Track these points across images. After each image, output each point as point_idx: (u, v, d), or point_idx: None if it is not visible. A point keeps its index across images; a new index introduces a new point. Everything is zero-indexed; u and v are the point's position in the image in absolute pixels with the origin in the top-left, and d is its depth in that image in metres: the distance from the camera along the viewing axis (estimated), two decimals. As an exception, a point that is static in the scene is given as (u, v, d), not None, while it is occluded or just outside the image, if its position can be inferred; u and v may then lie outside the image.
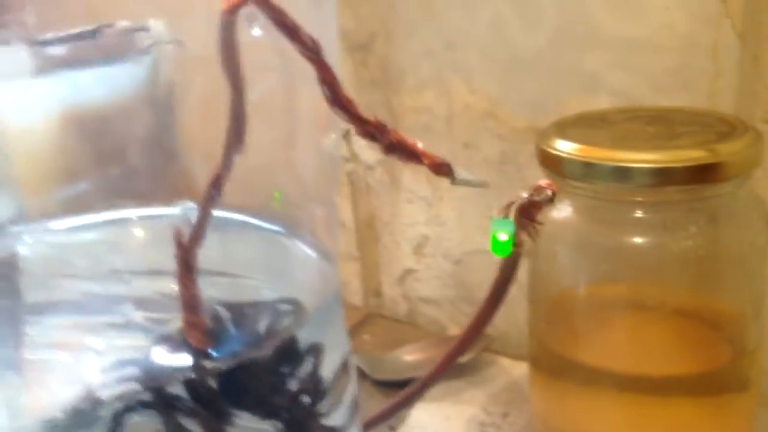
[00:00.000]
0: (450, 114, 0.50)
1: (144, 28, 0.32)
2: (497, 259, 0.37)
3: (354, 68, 0.53)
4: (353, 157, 0.56)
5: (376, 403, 0.39)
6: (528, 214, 0.25)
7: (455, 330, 0.54)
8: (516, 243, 0.27)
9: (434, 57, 0.49)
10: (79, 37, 0.30)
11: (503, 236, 0.24)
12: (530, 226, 0.26)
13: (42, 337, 0.22)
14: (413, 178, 0.52)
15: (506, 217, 0.25)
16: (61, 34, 0.30)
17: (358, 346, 0.53)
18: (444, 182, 0.24)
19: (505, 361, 0.48)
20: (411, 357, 0.49)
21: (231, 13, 0.17)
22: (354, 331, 0.55)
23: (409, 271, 0.55)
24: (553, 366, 0.37)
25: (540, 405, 0.39)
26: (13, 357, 0.22)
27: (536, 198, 0.25)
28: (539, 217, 0.26)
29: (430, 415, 0.44)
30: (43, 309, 0.23)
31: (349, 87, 0.57)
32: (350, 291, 0.59)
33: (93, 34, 0.31)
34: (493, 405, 0.44)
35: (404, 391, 0.32)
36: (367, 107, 0.54)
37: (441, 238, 0.53)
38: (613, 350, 0.35)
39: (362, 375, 0.48)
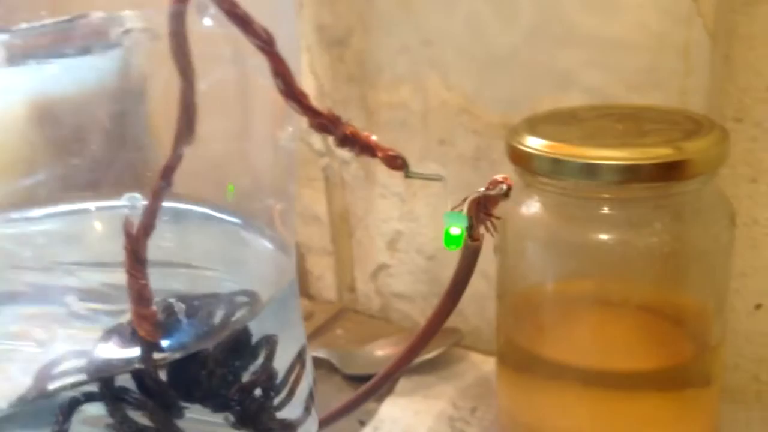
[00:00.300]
0: (425, 110, 0.50)
1: (117, 20, 0.31)
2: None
3: (331, 63, 0.53)
4: (328, 152, 0.55)
5: (346, 398, 0.39)
6: (484, 208, 0.25)
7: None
8: (474, 237, 0.27)
9: (410, 53, 0.49)
10: (53, 28, 0.30)
11: (455, 230, 0.24)
12: (487, 220, 0.26)
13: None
14: (388, 173, 0.52)
15: (460, 211, 0.25)
16: (36, 24, 0.30)
17: (331, 341, 0.53)
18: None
19: (475, 357, 0.49)
20: (383, 352, 0.49)
21: (181, 2, 0.17)
22: (327, 325, 0.55)
23: (382, 267, 0.55)
24: (520, 361, 0.38)
25: (507, 400, 0.39)
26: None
27: (491, 192, 0.25)
28: (496, 210, 0.26)
29: (400, 410, 0.44)
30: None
31: (325, 81, 0.57)
32: (324, 285, 0.59)
33: (67, 25, 0.31)
34: (463, 400, 0.45)
35: (366, 385, 0.32)
36: (344, 102, 0.54)
37: (414, 233, 0.53)
38: (579, 345, 0.35)
39: (333, 369, 0.48)
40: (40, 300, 0.21)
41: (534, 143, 0.34)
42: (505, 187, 0.25)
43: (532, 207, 0.36)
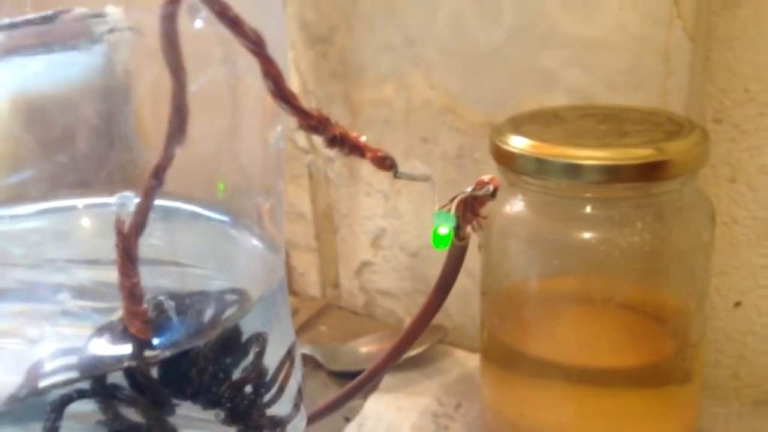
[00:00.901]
0: (408, 108, 0.50)
1: (101, 15, 0.31)
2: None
3: (314, 60, 0.53)
4: (312, 149, 0.56)
5: (331, 394, 0.40)
6: (471, 208, 0.26)
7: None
8: (461, 236, 0.27)
9: (394, 51, 0.49)
10: (35, 22, 0.30)
11: (444, 230, 0.25)
12: (474, 220, 0.26)
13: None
14: (372, 171, 0.53)
15: (448, 211, 0.26)
16: (17, 19, 0.29)
17: (315, 337, 0.53)
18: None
19: (459, 353, 0.49)
20: (367, 348, 0.50)
21: (172, 4, 0.17)
22: (311, 322, 0.55)
23: (366, 264, 0.56)
24: (504, 358, 0.38)
25: (491, 396, 0.39)
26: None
27: (478, 193, 0.25)
28: (482, 211, 0.26)
29: (385, 406, 0.44)
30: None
31: (309, 78, 0.57)
32: (308, 282, 0.60)
33: (50, 19, 0.31)
34: (447, 396, 0.45)
35: (352, 382, 0.32)
36: (327, 99, 0.54)
37: (398, 231, 0.53)
38: (562, 343, 0.36)
39: (318, 366, 0.48)
40: (30, 297, 0.21)
41: (518, 143, 0.35)
42: (492, 187, 0.25)
43: (515, 205, 0.36)
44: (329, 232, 0.57)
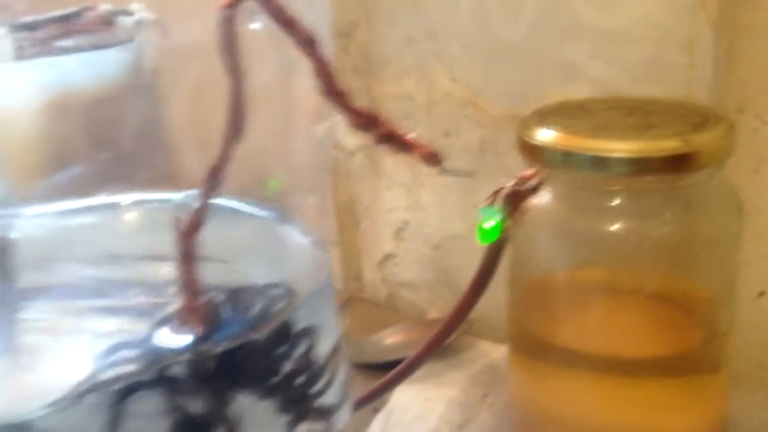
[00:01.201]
0: (430, 101, 0.50)
1: (126, 12, 0.32)
2: (476, 244, 0.38)
3: (336, 54, 0.53)
4: (334, 143, 0.56)
5: (358, 386, 0.40)
6: (513, 202, 0.26)
7: (434, 314, 0.54)
8: (502, 230, 0.27)
9: (415, 45, 0.50)
10: (60, 19, 0.31)
11: (489, 224, 0.25)
12: (515, 215, 0.26)
13: (37, 322, 0.23)
14: (394, 163, 0.53)
15: (492, 205, 0.26)
16: (42, 17, 0.30)
17: (339, 330, 0.54)
18: (425, 168, 0.25)
19: (484, 344, 0.50)
20: (391, 340, 0.50)
21: (231, 7, 0.17)
22: (335, 314, 0.56)
23: (388, 256, 0.56)
24: (532, 348, 0.38)
25: (519, 386, 0.40)
26: (8, 342, 0.23)
27: (521, 188, 0.26)
28: (524, 206, 0.26)
29: (412, 396, 0.45)
30: (37, 293, 0.24)
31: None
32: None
33: (74, 16, 0.31)
34: (473, 387, 0.45)
35: (391, 373, 0.33)
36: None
37: (421, 223, 0.53)
38: (590, 333, 0.36)
39: (343, 358, 0.49)
40: (93, 292, 0.22)
41: (544, 136, 0.35)
42: (535, 182, 0.26)
43: (543, 198, 0.36)
44: (351, 225, 0.58)
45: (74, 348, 0.20)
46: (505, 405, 0.43)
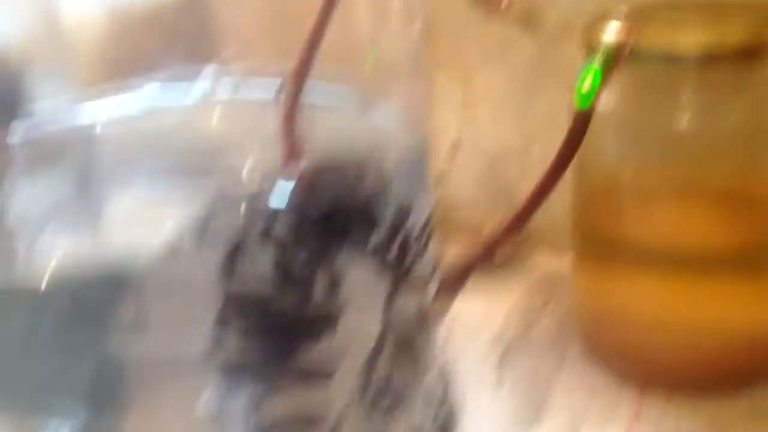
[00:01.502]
0: None
1: None
2: (534, 159, 0.37)
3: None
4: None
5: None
6: (613, 63, 0.25)
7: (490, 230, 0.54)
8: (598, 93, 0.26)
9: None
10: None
11: (587, 86, 0.25)
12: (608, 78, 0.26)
13: (123, 214, 0.23)
14: (447, 79, 0.53)
15: (591, 65, 0.25)
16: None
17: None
18: (477, 83, 0.25)
19: (541, 254, 0.50)
20: (449, 257, 0.50)
21: None
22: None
23: (443, 173, 0.56)
24: (598, 251, 0.38)
25: (584, 291, 0.40)
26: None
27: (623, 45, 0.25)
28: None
29: (472, 305, 0.45)
30: (121, 186, 0.24)
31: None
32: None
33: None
34: (533, 295, 0.46)
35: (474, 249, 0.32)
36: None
37: (475, 138, 0.53)
38: (659, 231, 0.36)
39: (402, 271, 0.50)
40: (173, 184, 0.22)
41: (611, 31, 0.34)
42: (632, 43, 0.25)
43: (609, 95, 0.36)
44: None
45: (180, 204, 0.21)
46: (567, 312, 0.44)
